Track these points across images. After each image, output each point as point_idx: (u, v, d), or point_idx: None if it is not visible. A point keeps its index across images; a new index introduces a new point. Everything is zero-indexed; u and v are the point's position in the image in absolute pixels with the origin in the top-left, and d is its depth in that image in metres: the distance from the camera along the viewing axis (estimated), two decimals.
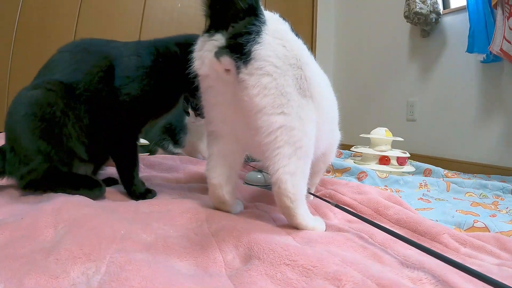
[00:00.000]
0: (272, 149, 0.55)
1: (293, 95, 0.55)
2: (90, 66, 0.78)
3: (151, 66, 0.81)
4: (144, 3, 2.56)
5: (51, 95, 0.72)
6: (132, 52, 0.82)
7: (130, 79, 0.79)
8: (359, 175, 1.32)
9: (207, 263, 0.49)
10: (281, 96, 0.54)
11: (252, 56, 0.52)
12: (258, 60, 0.53)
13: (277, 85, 0.54)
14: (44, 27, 2.23)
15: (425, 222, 0.69)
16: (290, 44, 0.58)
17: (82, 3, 2.35)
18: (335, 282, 0.42)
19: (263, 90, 0.53)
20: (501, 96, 1.88)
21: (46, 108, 0.71)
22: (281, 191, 0.57)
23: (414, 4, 2.16)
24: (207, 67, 0.54)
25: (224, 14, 0.52)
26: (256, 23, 0.53)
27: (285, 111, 0.54)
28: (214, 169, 0.63)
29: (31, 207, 0.65)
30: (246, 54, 0.52)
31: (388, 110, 2.63)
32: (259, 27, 0.53)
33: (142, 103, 0.80)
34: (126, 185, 0.81)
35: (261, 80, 0.52)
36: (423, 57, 2.36)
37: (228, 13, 0.52)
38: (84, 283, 0.41)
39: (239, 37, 0.52)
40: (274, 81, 0.53)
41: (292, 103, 0.55)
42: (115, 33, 2.38)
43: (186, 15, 2.73)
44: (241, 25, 0.52)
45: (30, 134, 0.70)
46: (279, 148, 0.55)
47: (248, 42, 0.52)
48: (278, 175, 0.56)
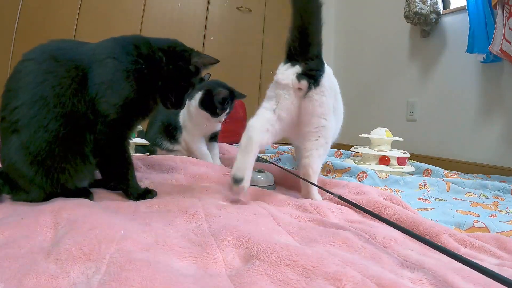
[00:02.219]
0: (313, 137, 0.89)
1: (331, 109, 0.90)
2: (59, 77, 0.70)
3: (130, 69, 0.76)
4: (144, 3, 2.56)
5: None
6: (107, 54, 0.76)
7: (106, 85, 0.73)
8: (359, 175, 1.32)
9: (207, 263, 0.49)
10: (327, 109, 0.89)
11: (320, 83, 0.87)
12: (322, 87, 0.87)
13: (327, 102, 0.88)
14: (44, 27, 2.23)
15: (425, 222, 0.69)
16: (333, 80, 0.94)
17: (82, 3, 2.35)
18: (335, 282, 0.42)
19: (321, 104, 0.87)
20: (501, 96, 1.88)
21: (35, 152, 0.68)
22: (310, 164, 0.88)
23: (414, 4, 2.17)
24: (290, 82, 0.87)
25: (301, 55, 0.88)
26: (322, 65, 0.89)
27: (326, 118, 0.89)
28: (258, 120, 0.87)
29: (31, 207, 0.65)
30: (317, 81, 0.86)
31: (388, 110, 2.63)
32: (323, 68, 0.90)
33: (124, 110, 0.75)
34: (123, 188, 0.81)
35: (321, 98, 0.87)
36: (423, 57, 2.36)
37: (305, 55, 0.88)
38: (84, 283, 0.41)
39: (313, 70, 0.87)
40: (326, 100, 0.88)
41: (330, 113, 0.90)
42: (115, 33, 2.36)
43: (186, 15, 2.74)
44: (315, 63, 0.88)
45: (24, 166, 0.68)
46: (318, 138, 0.89)
47: (319, 75, 0.87)
48: (311, 153, 0.88)
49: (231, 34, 2.95)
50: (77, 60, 0.73)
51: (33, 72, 0.70)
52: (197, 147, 1.35)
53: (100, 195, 0.81)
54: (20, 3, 2.18)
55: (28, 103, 0.68)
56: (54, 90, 0.69)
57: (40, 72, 0.70)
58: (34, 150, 0.67)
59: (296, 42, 0.88)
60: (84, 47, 0.77)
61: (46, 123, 0.68)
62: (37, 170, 0.68)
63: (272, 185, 1.06)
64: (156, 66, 0.80)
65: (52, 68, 0.71)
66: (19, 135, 0.68)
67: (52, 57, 0.72)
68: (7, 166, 0.70)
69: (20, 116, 0.68)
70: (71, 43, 0.79)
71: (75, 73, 0.72)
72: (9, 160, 0.69)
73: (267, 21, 3.06)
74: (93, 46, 0.78)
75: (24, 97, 0.68)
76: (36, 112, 0.68)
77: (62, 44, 0.76)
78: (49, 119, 0.68)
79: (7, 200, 0.71)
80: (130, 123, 0.79)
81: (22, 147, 0.67)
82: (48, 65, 0.71)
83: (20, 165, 0.68)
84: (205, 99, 1.26)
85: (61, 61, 0.72)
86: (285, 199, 0.86)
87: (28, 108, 0.68)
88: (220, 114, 1.27)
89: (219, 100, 1.25)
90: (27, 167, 0.68)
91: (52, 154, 0.69)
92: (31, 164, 0.68)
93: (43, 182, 0.69)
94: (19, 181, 0.70)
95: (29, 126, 0.67)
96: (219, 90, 1.24)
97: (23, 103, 0.68)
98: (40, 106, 0.68)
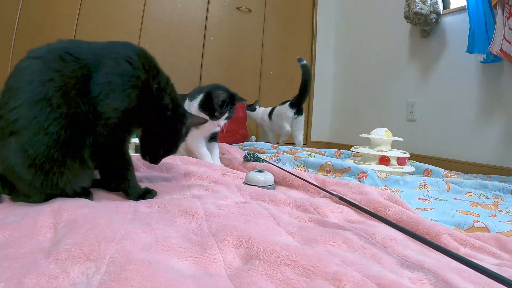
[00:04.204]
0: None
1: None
2: (66, 77, 0.69)
3: (140, 78, 0.74)
4: (144, 3, 2.56)
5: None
6: (122, 55, 0.74)
7: (111, 86, 0.71)
8: (359, 175, 1.32)
9: (207, 263, 0.49)
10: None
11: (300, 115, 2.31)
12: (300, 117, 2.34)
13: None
14: (44, 27, 2.24)
15: (425, 222, 0.69)
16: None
17: (82, 3, 2.35)
18: (335, 282, 0.42)
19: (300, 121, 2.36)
20: (501, 96, 1.88)
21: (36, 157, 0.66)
22: (300, 140, 2.36)
23: (414, 4, 2.17)
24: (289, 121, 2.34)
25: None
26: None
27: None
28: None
29: (31, 207, 0.65)
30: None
31: (388, 110, 2.63)
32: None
33: (124, 116, 0.73)
34: (123, 189, 0.80)
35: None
36: (423, 57, 2.36)
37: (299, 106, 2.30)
38: (84, 283, 0.41)
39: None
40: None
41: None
42: (115, 33, 2.38)
43: (186, 15, 2.74)
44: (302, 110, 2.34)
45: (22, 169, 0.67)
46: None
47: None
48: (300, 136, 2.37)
49: (231, 34, 2.95)
50: (84, 58, 0.71)
51: (38, 71, 0.68)
52: (197, 147, 1.35)
53: (100, 195, 0.81)
54: (20, 3, 2.18)
55: (29, 102, 0.66)
56: (59, 90, 0.68)
57: (46, 71, 0.68)
58: (32, 153, 0.65)
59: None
60: (93, 45, 0.75)
61: (46, 125, 0.66)
62: (35, 174, 0.67)
63: (272, 185, 1.06)
64: (159, 100, 0.79)
65: (59, 67, 0.69)
66: (18, 137, 0.65)
67: (60, 57, 0.70)
68: (6, 169, 0.68)
69: (20, 116, 0.66)
70: (80, 43, 0.76)
71: (81, 72, 0.70)
72: (8, 163, 0.66)
73: (267, 21, 3.06)
74: (104, 44, 0.76)
75: (25, 96, 0.66)
76: (37, 113, 0.66)
77: (71, 44, 0.74)
78: (50, 120, 0.66)
79: (7, 200, 0.71)
80: (130, 128, 0.78)
81: (20, 149, 0.65)
82: (55, 64, 0.69)
83: (18, 168, 0.66)
84: (205, 101, 1.27)
85: (68, 60, 0.70)
86: (285, 199, 0.86)
87: (29, 108, 0.66)
88: (218, 117, 1.27)
89: (218, 103, 1.25)
90: (25, 170, 0.66)
91: (51, 158, 0.67)
92: (29, 167, 0.66)
93: (43, 185, 0.68)
94: (18, 184, 0.69)
95: (28, 128, 0.65)
96: (218, 92, 1.24)
97: (23, 102, 0.66)
98: (43, 106, 0.66)
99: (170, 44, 2.66)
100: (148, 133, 0.82)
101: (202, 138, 1.38)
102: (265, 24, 3.06)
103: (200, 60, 2.81)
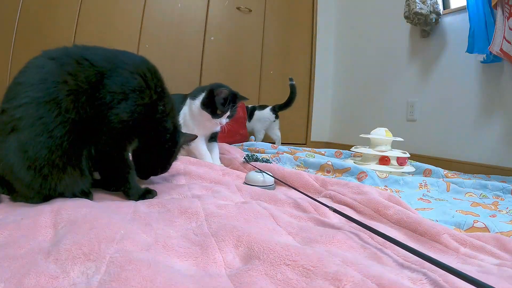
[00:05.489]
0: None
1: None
2: (79, 81, 0.69)
3: (151, 96, 0.77)
4: (144, 3, 2.56)
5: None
6: (138, 68, 0.76)
7: (122, 96, 0.72)
8: (359, 175, 1.32)
9: (207, 263, 0.49)
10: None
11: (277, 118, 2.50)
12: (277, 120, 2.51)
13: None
14: (44, 28, 2.23)
15: (425, 222, 0.69)
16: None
17: (82, 3, 2.35)
18: (335, 282, 0.42)
19: (277, 123, 2.53)
20: (501, 96, 1.88)
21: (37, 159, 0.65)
22: (279, 136, 2.58)
23: (414, 4, 2.17)
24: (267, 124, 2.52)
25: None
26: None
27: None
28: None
29: (31, 207, 0.65)
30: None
31: (388, 110, 2.63)
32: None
33: (130, 127, 0.75)
34: (124, 190, 0.80)
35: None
36: (423, 57, 2.36)
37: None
38: (84, 283, 0.41)
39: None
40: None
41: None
42: (115, 33, 2.38)
43: (186, 15, 2.74)
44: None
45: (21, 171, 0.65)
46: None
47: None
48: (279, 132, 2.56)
49: (231, 34, 2.95)
50: (100, 65, 0.72)
51: (53, 72, 0.67)
52: (197, 147, 1.35)
53: (100, 195, 0.81)
54: (20, 3, 2.18)
55: (38, 101, 0.64)
56: (70, 94, 0.67)
57: (60, 73, 0.67)
58: (32, 155, 0.64)
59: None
60: (108, 52, 0.77)
61: (52, 128, 0.65)
62: (34, 176, 0.65)
63: (272, 185, 1.06)
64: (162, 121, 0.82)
65: (74, 71, 0.69)
66: (19, 135, 0.64)
67: (76, 61, 0.70)
68: (3, 168, 0.66)
69: (26, 114, 0.64)
70: (95, 49, 0.77)
71: (95, 78, 0.71)
72: (7, 161, 0.65)
73: (267, 21, 3.06)
74: (119, 53, 0.78)
75: (36, 94, 0.65)
76: (44, 114, 0.64)
77: (87, 50, 0.75)
78: (57, 123, 0.65)
79: (6, 200, 0.71)
80: (131, 138, 0.79)
81: (20, 149, 0.64)
82: (70, 67, 0.69)
83: (17, 169, 0.64)
84: (207, 99, 1.27)
85: (84, 65, 0.70)
86: (285, 199, 0.86)
87: (37, 107, 0.64)
88: (220, 115, 1.28)
89: (220, 100, 1.26)
90: (24, 171, 0.64)
91: (52, 163, 0.66)
92: (28, 169, 0.64)
93: (41, 188, 0.67)
94: (15, 184, 0.67)
95: (32, 127, 0.64)
96: (220, 89, 1.25)
97: (32, 100, 0.64)
98: (51, 107, 0.65)
99: (170, 44, 2.65)
100: (142, 150, 0.84)
101: (202, 138, 1.38)
102: (265, 24, 3.06)
103: (200, 60, 2.81)
